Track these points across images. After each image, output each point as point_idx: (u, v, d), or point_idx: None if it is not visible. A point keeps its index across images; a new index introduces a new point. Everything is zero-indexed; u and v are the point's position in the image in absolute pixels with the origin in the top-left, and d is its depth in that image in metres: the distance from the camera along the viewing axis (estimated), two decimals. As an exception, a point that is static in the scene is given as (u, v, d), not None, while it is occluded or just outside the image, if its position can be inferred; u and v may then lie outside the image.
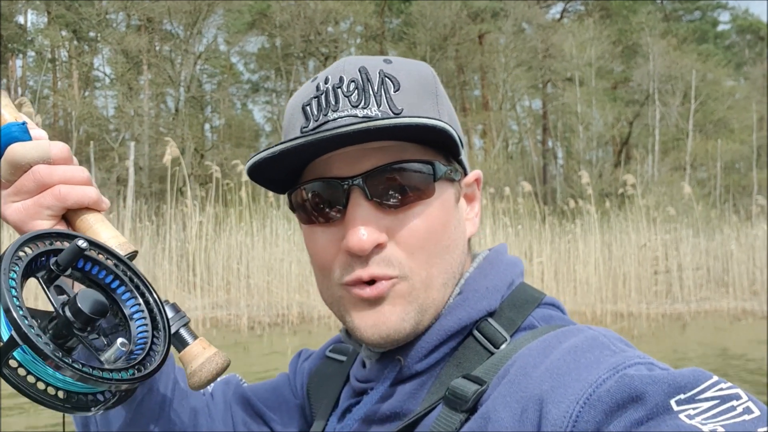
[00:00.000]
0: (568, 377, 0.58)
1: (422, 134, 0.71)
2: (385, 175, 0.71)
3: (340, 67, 0.75)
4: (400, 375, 0.75)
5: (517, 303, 0.77)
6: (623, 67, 33.42)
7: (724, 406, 0.50)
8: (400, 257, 0.72)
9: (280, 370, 1.08)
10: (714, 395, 0.51)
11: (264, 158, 0.70)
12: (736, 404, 0.50)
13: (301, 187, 0.76)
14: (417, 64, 0.79)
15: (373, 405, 0.76)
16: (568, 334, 0.65)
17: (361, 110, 0.72)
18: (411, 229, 0.72)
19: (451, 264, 0.75)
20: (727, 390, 0.51)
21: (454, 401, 0.66)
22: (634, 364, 0.57)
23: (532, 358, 0.64)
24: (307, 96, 0.76)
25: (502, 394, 0.62)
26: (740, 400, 0.50)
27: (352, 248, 0.70)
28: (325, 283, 0.78)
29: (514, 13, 29.16)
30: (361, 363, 0.85)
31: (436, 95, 0.78)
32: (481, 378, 0.67)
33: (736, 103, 33.21)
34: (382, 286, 0.71)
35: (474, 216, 0.84)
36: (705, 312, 14.16)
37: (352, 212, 0.71)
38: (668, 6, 38.97)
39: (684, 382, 0.52)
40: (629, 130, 31.68)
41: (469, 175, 0.83)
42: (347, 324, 0.76)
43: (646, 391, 0.51)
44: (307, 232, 0.78)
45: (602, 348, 0.61)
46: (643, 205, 15.21)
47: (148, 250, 14.50)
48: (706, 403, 0.50)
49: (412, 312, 0.72)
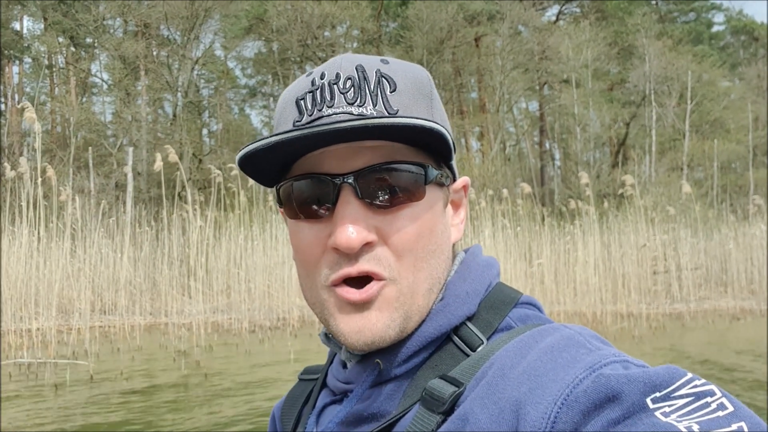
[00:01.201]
0: (545, 378, 0.58)
1: (416, 136, 0.70)
2: (376, 175, 0.71)
3: (336, 64, 0.75)
4: (378, 378, 0.75)
5: (494, 304, 0.76)
6: (619, 68, 33.54)
7: (698, 402, 0.50)
8: (389, 258, 0.71)
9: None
10: (688, 392, 0.51)
11: (256, 149, 0.69)
12: (710, 401, 0.50)
13: (290, 181, 0.75)
14: (413, 67, 0.78)
15: (354, 406, 0.75)
16: (544, 334, 0.65)
17: (357, 108, 0.71)
18: (400, 231, 0.71)
19: (436, 269, 0.75)
20: (701, 387, 0.52)
21: (430, 402, 0.66)
22: (610, 363, 0.57)
23: (509, 359, 0.64)
24: (301, 90, 0.75)
25: (480, 395, 0.62)
26: (714, 397, 0.51)
27: (340, 245, 0.69)
28: (309, 283, 0.76)
29: (510, 15, 29.24)
30: (340, 364, 0.83)
31: (430, 98, 0.77)
32: (457, 379, 0.67)
33: (731, 103, 33.35)
34: (371, 289, 0.71)
35: (459, 222, 0.84)
36: (704, 311, 14.20)
37: (342, 210, 0.70)
38: (663, 7, 39.13)
39: (659, 380, 0.52)
40: (626, 131, 31.77)
41: (458, 181, 0.83)
42: (330, 328, 0.75)
43: (622, 390, 0.52)
44: (293, 227, 0.77)
45: (578, 347, 0.61)
46: (641, 205, 15.26)
47: (148, 255, 14.52)
48: (680, 401, 0.51)
49: (398, 319, 0.72)
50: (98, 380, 7.76)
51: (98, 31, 24.82)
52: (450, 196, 0.81)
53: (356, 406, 0.75)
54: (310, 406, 0.87)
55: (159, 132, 25.38)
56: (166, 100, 26.92)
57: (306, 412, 0.87)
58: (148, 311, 13.19)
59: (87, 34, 25.18)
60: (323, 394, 0.86)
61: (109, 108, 28.89)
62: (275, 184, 0.78)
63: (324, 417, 0.82)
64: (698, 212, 17.59)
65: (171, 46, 25.94)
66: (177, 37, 25.53)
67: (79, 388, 7.34)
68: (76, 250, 12.72)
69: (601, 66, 31.09)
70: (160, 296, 13.88)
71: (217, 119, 31.00)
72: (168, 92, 25.31)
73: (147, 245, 14.53)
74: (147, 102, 25.78)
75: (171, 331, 11.44)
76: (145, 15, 24.56)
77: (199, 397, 6.88)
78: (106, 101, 29.50)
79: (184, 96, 24.93)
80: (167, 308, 13.20)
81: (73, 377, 7.84)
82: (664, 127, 31.13)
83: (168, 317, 12.93)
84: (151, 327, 12.42)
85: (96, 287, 12.71)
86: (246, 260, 13.61)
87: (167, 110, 28.60)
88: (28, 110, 9.96)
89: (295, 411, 0.90)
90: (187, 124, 25.35)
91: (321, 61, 28.04)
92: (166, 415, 6.10)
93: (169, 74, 24.86)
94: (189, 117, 26.25)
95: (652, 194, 21.13)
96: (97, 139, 23.70)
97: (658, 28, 33.06)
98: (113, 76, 25.42)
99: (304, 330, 12.40)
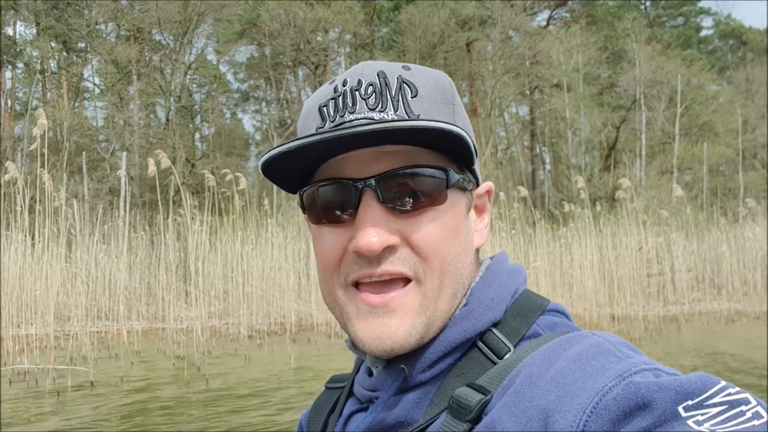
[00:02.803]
0: (574, 386, 0.57)
1: (437, 140, 0.70)
2: (398, 179, 0.71)
3: (358, 71, 0.75)
4: (404, 384, 0.74)
5: (521, 312, 0.75)
6: (609, 72, 33.78)
7: (732, 411, 0.49)
8: (413, 258, 0.71)
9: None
10: (722, 400, 0.50)
11: (279, 153, 0.69)
12: (745, 409, 0.49)
13: (313, 186, 0.75)
14: (435, 73, 0.78)
15: (379, 414, 0.74)
16: (573, 341, 0.65)
17: (378, 113, 0.71)
18: (423, 234, 0.71)
19: (461, 273, 0.75)
20: (735, 395, 0.51)
21: (458, 410, 0.65)
22: (641, 371, 0.56)
23: (536, 367, 0.63)
24: (324, 97, 0.75)
25: (508, 404, 0.61)
26: (749, 405, 0.49)
27: (362, 249, 0.69)
28: (329, 286, 0.76)
29: (502, 20, 29.39)
30: (366, 371, 0.83)
31: (452, 104, 0.77)
32: (484, 387, 0.66)
33: (720, 107, 33.66)
34: (392, 294, 0.71)
35: (483, 227, 0.83)
36: (699, 313, 14.32)
37: (363, 214, 0.70)
38: (652, 12, 39.47)
39: (691, 388, 0.51)
40: (616, 135, 32.00)
41: (481, 186, 0.83)
42: (350, 333, 0.74)
43: (653, 399, 0.51)
44: (316, 232, 0.77)
45: (607, 354, 0.60)
46: (632, 209, 15.36)
47: (144, 260, 14.46)
48: (714, 409, 0.49)
49: (420, 326, 0.71)
50: (99, 386, 7.74)
51: (91, 36, 24.72)
52: (473, 201, 0.81)
53: (381, 413, 0.74)
54: (336, 414, 0.87)
55: (151, 137, 25.28)
56: (159, 104, 26.84)
57: (332, 420, 0.87)
58: (145, 316, 13.14)
59: (79, 38, 25.08)
60: (350, 402, 0.86)
61: (101, 113, 28.79)
62: (298, 190, 0.78)
63: (350, 425, 0.81)
64: (690, 215, 17.75)
65: (164, 50, 25.88)
66: (170, 41, 25.46)
67: (81, 394, 7.32)
68: (71, 255, 12.67)
69: (592, 70, 31.30)
70: (156, 301, 13.83)
71: (209, 124, 30.93)
72: (161, 97, 25.24)
73: (142, 250, 14.48)
74: (140, 107, 25.69)
75: (169, 337, 11.41)
76: (137, 19, 24.49)
77: (203, 403, 6.87)
78: (98, 106, 29.40)
79: (177, 100, 24.86)
80: (164, 313, 13.16)
81: (74, 383, 7.81)
82: (653, 130, 31.37)
83: (165, 322, 12.89)
84: (148, 332, 12.38)
85: (92, 292, 12.65)
86: (242, 265, 13.58)
87: (159, 115, 28.54)
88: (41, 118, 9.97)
89: (322, 419, 0.90)
90: (180, 128, 25.28)
91: (314, 65, 28.07)
92: (173, 420, 6.09)
93: (162, 79, 24.80)
94: (182, 121, 26.18)
95: (644, 197, 21.28)
96: (90, 144, 23.59)
97: (647, 32, 33.33)
98: (106, 80, 25.33)
99: (303, 335, 12.40)
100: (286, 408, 6.53)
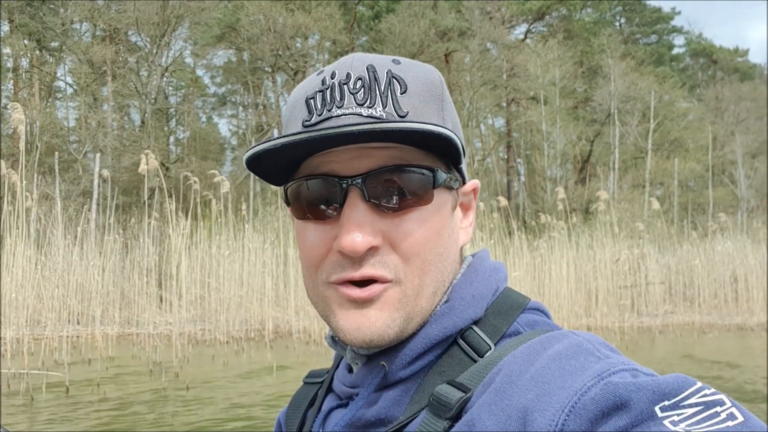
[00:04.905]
0: (553, 385, 0.57)
1: (426, 139, 0.70)
2: (384, 177, 0.70)
3: (347, 64, 0.74)
4: (384, 381, 0.74)
5: (502, 309, 0.75)
6: (585, 87, 34.34)
7: (708, 412, 0.50)
8: (395, 261, 0.71)
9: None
10: (698, 401, 0.51)
11: (264, 150, 0.69)
12: (720, 410, 0.50)
13: (298, 181, 0.74)
14: (425, 68, 0.77)
15: (358, 410, 0.74)
16: (553, 340, 0.64)
17: (366, 109, 0.70)
18: (407, 234, 0.71)
19: (442, 272, 0.75)
20: (711, 396, 0.51)
21: (438, 408, 0.65)
22: (619, 371, 0.57)
23: (516, 365, 0.63)
24: (311, 89, 0.74)
25: (487, 402, 0.61)
26: (724, 406, 0.50)
27: (345, 249, 0.69)
28: (312, 281, 0.76)
29: (480, 32, 29.70)
30: (346, 368, 0.83)
31: (441, 101, 0.76)
32: (465, 385, 0.66)
33: (690, 123, 34.45)
34: (373, 289, 0.70)
35: (468, 225, 0.83)
36: (672, 325, 14.56)
37: (348, 212, 0.70)
38: (627, 29, 40.29)
39: (668, 388, 0.52)
40: (590, 148, 32.51)
41: (468, 184, 0.82)
42: (331, 324, 0.75)
43: (630, 399, 0.51)
44: (300, 227, 0.76)
45: (587, 354, 0.61)
46: (606, 221, 15.59)
47: (117, 263, 14.17)
48: (690, 409, 0.50)
49: (399, 319, 0.71)
50: (74, 392, 7.55)
51: (65, 35, 24.30)
52: (459, 198, 0.81)
53: (362, 410, 0.74)
54: (315, 409, 0.87)
55: (125, 139, 24.92)
56: (133, 106, 26.48)
57: (311, 415, 0.87)
58: (117, 321, 12.87)
59: (54, 37, 24.64)
60: (329, 398, 0.85)
61: (73, 113, 28.29)
62: (282, 183, 0.78)
63: (329, 421, 0.81)
64: (662, 229, 18.06)
65: (140, 52, 25.56)
66: (147, 43, 25.16)
67: (57, 400, 7.13)
68: (41, 258, 12.36)
69: (568, 84, 31.79)
70: (129, 306, 13.58)
71: (184, 127, 30.63)
72: (136, 98, 24.90)
73: (115, 253, 14.19)
74: (114, 108, 25.31)
75: (144, 342, 11.20)
76: (114, 20, 24.16)
77: (183, 409, 6.75)
78: (70, 106, 28.88)
79: (153, 103, 24.56)
80: (138, 318, 12.92)
81: (49, 388, 7.61)
82: (626, 145, 31.95)
83: (138, 327, 12.66)
84: (120, 337, 12.14)
85: (63, 296, 12.36)
86: (218, 270, 13.42)
87: (133, 117, 28.14)
88: (16, 111, 9.69)
89: (300, 414, 0.89)
90: (155, 131, 24.96)
91: (293, 71, 28.00)
92: (155, 427, 5.97)
93: (137, 80, 24.48)
94: (157, 124, 25.86)
95: (618, 210, 21.63)
96: (62, 145, 23.14)
97: (622, 49, 34.00)
98: (80, 80, 24.90)
99: (280, 342, 12.28)
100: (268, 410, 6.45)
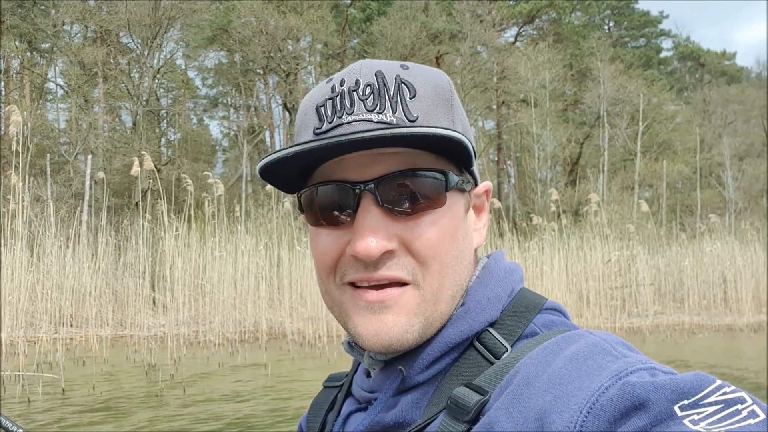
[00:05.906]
0: (571, 386, 0.57)
1: (437, 143, 0.70)
2: (397, 182, 0.70)
3: (356, 70, 0.74)
4: (402, 385, 0.74)
5: (518, 311, 0.75)
6: (574, 89, 34.57)
7: (728, 410, 0.49)
8: (411, 264, 0.71)
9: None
10: (718, 399, 0.50)
11: (278, 159, 0.70)
12: (741, 408, 0.49)
13: (311, 188, 0.75)
14: (433, 72, 0.78)
15: (377, 414, 0.74)
16: (569, 341, 0.64)
17: (376, 115, 0.71)
18: (422, 238, 0.71)
19: (459, 275, 0.75)
20: (731, 394, 0.51)
21: (456, 410, 0.65)
22: (637, 370, 0.56)
23: (533, 367, 0.63)
24: (321, 97, 0.75)
25: (505, 404, 0.61)
26: (745, 404, 0.50)
27: (359, 253, 0.69)
28: (326, 286, 0.76)
29: (471, 35, 29.85)
30: (364, 373, 0.83)
31: (451, 104, 0.77)
32: (482, 387, 0.66)
33: (678, 126, 34.75)
34: (390, 292, 0.71)
35: (481, 227, 0.83)
36: (662, 326, 14.71)
37: (362, 218, 0.70)
38: (616, 33, 40.61)
39: (687, 387, 0.51)
40: (580, 151, 32.72)
41: (480, 186, 0.83)
42: (349, 329, 0.75)
43: (649, 398, 0.51)
44: (314, 234, 0.76)
45: (604, 354, 0.60)
46: (596, 223, 15.71)
47: (110, 265, 14.14)
48: (710, 408, 0.50)
49: (418, 324, 0.71)
50: (71, 394, 7.57)
51: (57, 36, 24.20)
52: (472, 201, 0.81)
53: (381, 414, 0.74)
54: (335, 412, 0.87)
55: (116, 140, 24.84)
56: (125, 108, 26.40)
57: (330, 418, 0.87)
58: (110, 323, 12.86)
59: (45, 38, 24.53)
60: (348, 402, 0.86)
61: (64, 115, 28.16)
62: (295, 190, 0.78)
63: (349, 425, 0.81)
64: (651, 230, 18.23)
65: (132, 53, 25.49)
66: (138, 45, 25.09)
67: (53, 401, 7.15)
68: (34, 260, 12.33)
69: (558, 87, 31.99)
70: (122, 308, 13.56)
71: (175, 129, 30.55)
72: (127, 100, 24.83)
73: (108, 255, 14.15)
74: (105, 109, 25.22)
75: (138, 343, 11.20)
76: (106, 21, 24.08)
77: (184, 410, 6.79)
78: (60, 108, 28.75)
79: (144, 105, 24.50)
80: (131, 320, 12.91)
81: (45, 390, 7.63)
82: (616, 147, 32.18)
83: (131, 329, 12.66)
84: (114, 339, 12.14)
85: (56, 298, 12.34)
86: (211, 272, 13.42)
87: (124, 118, 28.05)
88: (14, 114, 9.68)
89: (320, 418, 0.90)
90: (146, 133, 24.90)
91: (285, 73, 28.02)
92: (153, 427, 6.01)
93: (129, 82, 24.41)
94: (148, 126, 25.79)
95: (607, 212, 21.81)
96: (53, 146, 23.04)
97: (611, 52, 34.26)
98: (71, 82, 24.80)
99: (275, 343, 12.32)
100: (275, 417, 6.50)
